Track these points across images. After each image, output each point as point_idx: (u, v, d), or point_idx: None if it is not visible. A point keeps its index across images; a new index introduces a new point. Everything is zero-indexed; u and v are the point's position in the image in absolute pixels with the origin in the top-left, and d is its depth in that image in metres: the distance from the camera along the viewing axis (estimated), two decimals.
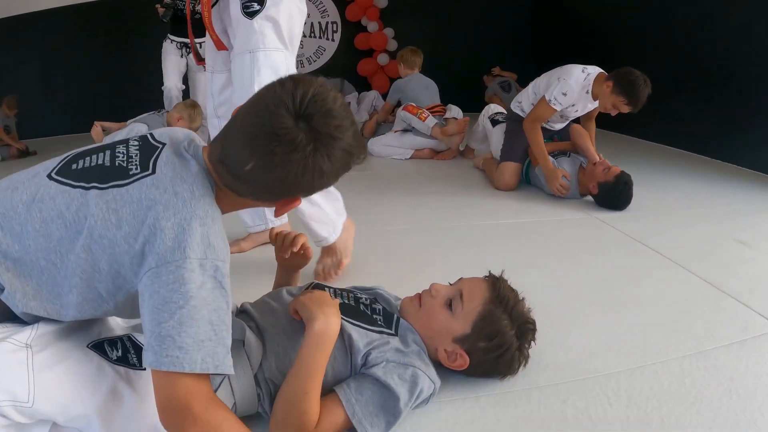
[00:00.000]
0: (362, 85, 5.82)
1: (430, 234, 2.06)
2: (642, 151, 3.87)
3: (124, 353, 0.81)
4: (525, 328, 1.06)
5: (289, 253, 1.10)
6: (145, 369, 0.80)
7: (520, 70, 5.77)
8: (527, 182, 2.86)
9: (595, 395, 1.05)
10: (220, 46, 1.45)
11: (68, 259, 0.73)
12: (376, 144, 3.52)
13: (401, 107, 3.46)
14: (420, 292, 1.10)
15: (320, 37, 6.18)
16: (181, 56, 3.76)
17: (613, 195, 2.41)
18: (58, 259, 0.73)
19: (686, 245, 1.97)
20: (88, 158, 0.80)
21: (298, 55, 6.49)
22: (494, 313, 1.03)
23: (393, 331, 1.00)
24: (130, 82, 5.72)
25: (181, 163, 0.77)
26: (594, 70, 2.56)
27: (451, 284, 1.11)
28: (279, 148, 0.71)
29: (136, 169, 0.76)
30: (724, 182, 2.99)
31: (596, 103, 2.60)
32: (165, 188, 0.74)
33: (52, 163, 0.81)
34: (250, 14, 1.30)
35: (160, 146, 0.80)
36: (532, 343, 1.09)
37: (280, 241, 1.10)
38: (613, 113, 2.50)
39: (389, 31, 6.03)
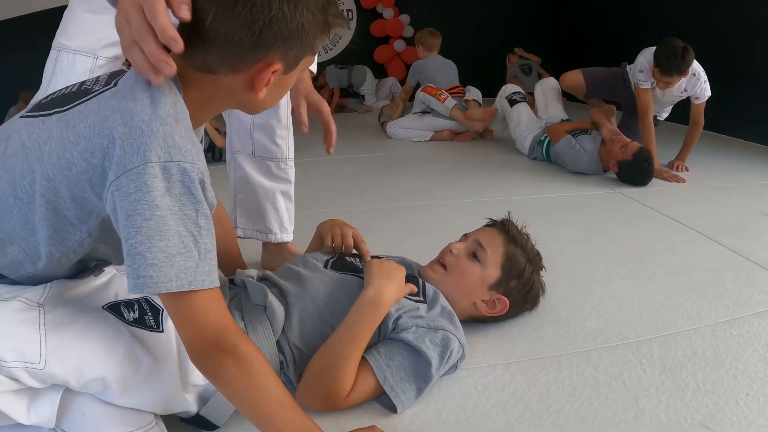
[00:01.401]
0: (379, 71, 5.79)
1: (451, 209, 2.04)
2: (665, 130, 3.81)
3: (141, 315, 0.77)
4: (536, 260, 1.14)
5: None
6: (162, 331, 0.77)
7: (537, 53, 5.68)
8: (547, 159, 2.82)
9: (628, 361, 1.03)
10: None
11: (33, 191, 0.67)
12: (395, 126, 3.49)
13: (420, 89, 3.43)
14: (439, 255, 1.12)
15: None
16: None
17: (633, 172, 2.37)
18: (23, 192, 0.68)
19: (713, 218, 1.94)
20: (58, 92, 0.74)
21: None
22: (515, 252, 1.09)
23: (421, 297, 0.99)
24: None
25: (146, 86, 0.68)
26: None
27: (460, 240, 1.14)
28: None
29: (99, 86, 0.70)
30: (750, 160, 2.93)
31: (679, 90, 2.62)
32: (124, 95, 0.66)
33: (32, 104, 0.77)
34: None
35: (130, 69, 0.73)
36: (543, 271, 1.17)
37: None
38: (661, 87, 2.55)
39: (405, 17, 5.98)
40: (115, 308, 0.76)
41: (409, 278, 1.03)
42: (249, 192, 1.38)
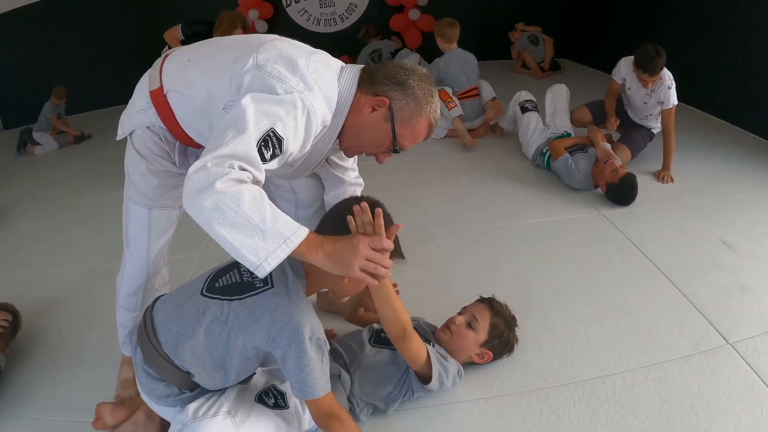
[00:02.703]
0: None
1: (451, 241, 2.46)
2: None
3: (275, 400, 1.34)
4: (512, 323, 1.67)
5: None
6: (289, 407, 1.34)
7: (546, 17, 5.82)
8: (547, 168, 3.19)
9: (566, 399, 1.53)
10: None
11: (228, 346, 1.21)
12: None
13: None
14: (446, 323, 1.64)
15: None
16: None
17: (618, 195, 2.76)
18: (222, 346, 1.21)
19: (675, 250, 2.30)
20: (224, 277, 1.27)
21: (330, 13, 6.56)
22: (497, 322, 1.60)
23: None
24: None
25: (284, 276, 1.24)
26: None
27: (460, 313, 1.65)
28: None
29: (259, 283, 1.23)
30: (736, 159, 3.20)
31: (654, 96, 3.01)
32: (282, 296, 1.20)
33: (200, 282, 1.29)
34: None
35: None
36: (516, 328, 1.69)
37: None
38: (646, 86, 2.95)
39: None
40: (260, 399, 1.32)
41: (429, 341, 1.55)
42: None
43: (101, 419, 1.51)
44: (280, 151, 1.13)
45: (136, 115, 1.38)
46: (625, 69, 3.09)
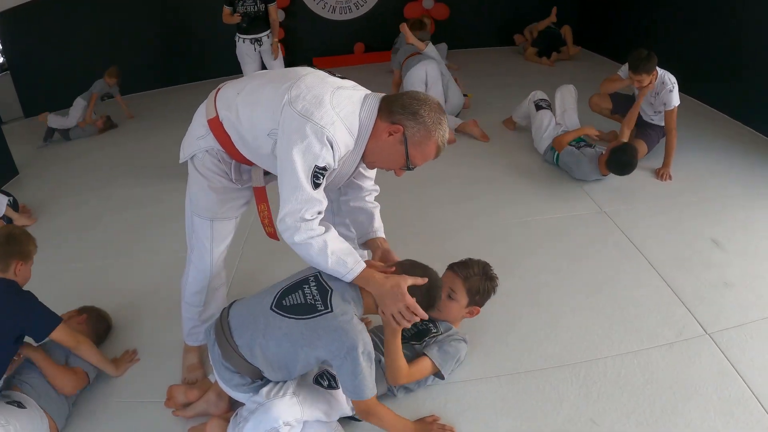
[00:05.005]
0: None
1: (469, 238, 2.71)
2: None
3: (329, 382, 1.62)
4: (487, 273, 1.89)
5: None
6: (339, 388, 1.60)
7: (559, 5, 5.99)
8: (556, 163, 3.43)
9: (564, 378, 1.81)
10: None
11: (293, 355, 1.48)
12: None
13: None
14: None
15: None
16: (255, 51, 4.33)
17: (618, 155, 3.01)
18: (288, 355, 1.48)
19: (669, 248, 2.50)
20: (290, 296, 1.52)
21: (346, 1, 6.70)
22: (470, 281, 1.84)
23: (434, 328, 1.86)
24: (192, 40, 6.10)
25: (342, 302, 1.48)
26: None
27: None
28: None
29: (321, 306, 1.48)
30: (734, 156, 3.37)
31: (654, 92, 3.25)
32: (340, 319, 1.45)
33: (270, 297, 1.54)
34: None
35: (330, 290, 1.51)
36: (491, 270, 1.90)
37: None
38: (636, 85, 3.22)
39: None
40: (317, 381, 1.61)
41: (432, 320, 1.83)
42: None
43: (173, 399, 1.78)
44: (326, 171, 1.44)
45: (196, 141, 1.62)
46: (625, 69, 3.32)
